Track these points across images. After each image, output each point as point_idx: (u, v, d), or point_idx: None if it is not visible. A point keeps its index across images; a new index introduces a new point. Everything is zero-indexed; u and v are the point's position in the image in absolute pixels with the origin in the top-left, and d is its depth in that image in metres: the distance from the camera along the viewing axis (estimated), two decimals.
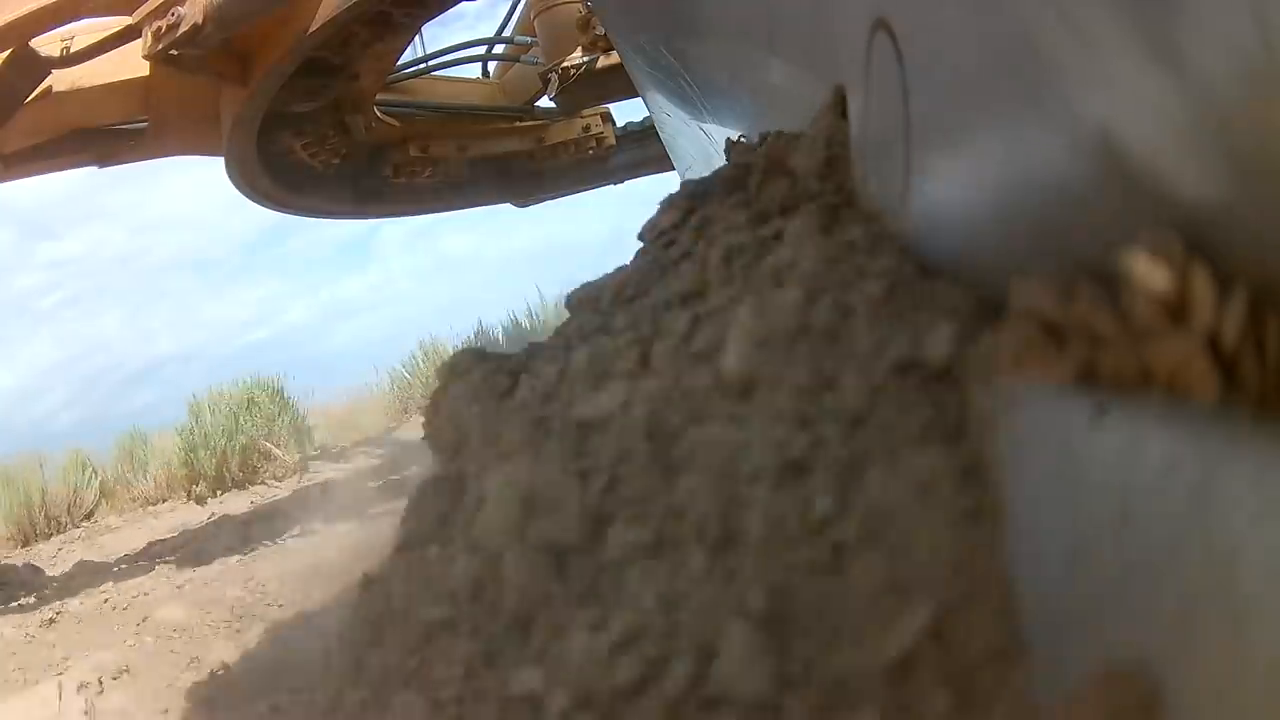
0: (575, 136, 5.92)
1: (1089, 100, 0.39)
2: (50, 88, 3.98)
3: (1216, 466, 0.31)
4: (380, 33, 3.98)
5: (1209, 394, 0.34)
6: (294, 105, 4.26)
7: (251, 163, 4.55)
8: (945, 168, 0.59)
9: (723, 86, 1.94)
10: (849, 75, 0.78)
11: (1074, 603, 0.40)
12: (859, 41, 0.71)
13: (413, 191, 5.64)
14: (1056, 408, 0.43)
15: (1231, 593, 0.30)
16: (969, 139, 0.55)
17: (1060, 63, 0.40)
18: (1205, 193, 0.34)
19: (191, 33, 3.38)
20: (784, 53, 1.19)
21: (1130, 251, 0.37)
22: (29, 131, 4.10)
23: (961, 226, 0.59)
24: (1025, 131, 0.46)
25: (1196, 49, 0.31)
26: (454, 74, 5.56)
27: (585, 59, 4.56)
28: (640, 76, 3.40)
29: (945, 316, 0.56)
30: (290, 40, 3.68)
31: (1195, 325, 0.35)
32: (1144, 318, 0.37)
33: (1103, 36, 0.37)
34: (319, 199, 5.29)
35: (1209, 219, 0.34)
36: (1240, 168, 0.31)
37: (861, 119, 0.77)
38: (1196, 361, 0.35)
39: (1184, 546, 0.32)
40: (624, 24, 3.05)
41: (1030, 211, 0.48)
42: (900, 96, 0.63)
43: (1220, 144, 0.32)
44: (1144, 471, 0.35)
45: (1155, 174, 0.36)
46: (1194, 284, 0.35)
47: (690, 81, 2.26)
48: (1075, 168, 0.42)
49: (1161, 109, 0.34)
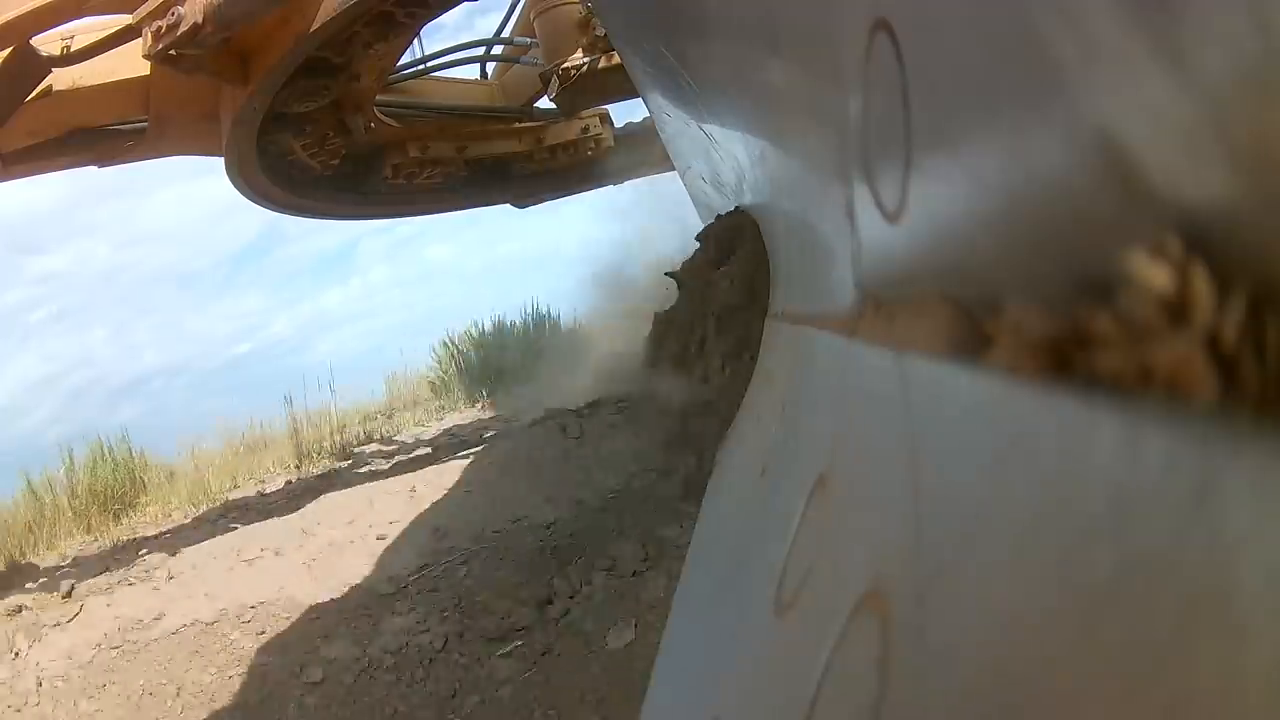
0: (574, 137, 5.94)
1: (1089, 100, 0.39)
2: (50, 87, 3.98)
3: (1216, 466, 0.31)
4: (382, 32, 3.99)
5: (1209, 394, 0.34)
6: (294, 105, 4.27)
7: (251, 163, 4.56)
8: (945, 168, 0.59)
9: (723, 86, 1.94)
10: (849, 75, 0.78)
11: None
12: (859, 41, 0.71)
13: (412, 192, 5.66)
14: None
15: (1231, 593, 0.30)
16: (969, 139, 0.55)
17: (1061, 63, 0.40)
18: (1205, 193, 0.34)
19: (191, 32, 3.38)
20: (784, 53, 1.19)
21: (1130, 251, 0.37)
22: (29, 130, 4.10)
23: (962, 227, 0.59)
24: (1025, 132, 0.46)
25: (1197, 48, 0.31)
26: (453, 75, 5.57)
27: (585, 60, 4.57)
28: (640, 77, 3.41)
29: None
30: (290, 40, 3.69)
31: (1195, 325, 0.35)
32: (1144, 318, 0.37)
33: (1103, 36, 0.37)
34: (318, 199, 5.30)
35: (1209, 219, 0.34)
36: (1240, 167, 0.31)
37: (861, 119, 0.77)
38: (1196, 361, 0.35)
39: (1184, 546, 0.32)
40: (624, 24, 3.06)
41: (1030, 211, 0.48)
42: (900, 96, 0.63)
43: (1220, 144, 0.32)
44: (1144, 471, 0.35)
45: (1155, 174, 0.36)
46: (1194, 284, 0.35)
47: (690, 81, 2.26)
48: (1075, 168, 0.42)
49: (1162, 109, 0.34)
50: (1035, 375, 0.46)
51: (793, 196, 1.73)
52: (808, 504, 1.04)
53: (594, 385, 4.82)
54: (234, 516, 4.89)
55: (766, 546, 1.22)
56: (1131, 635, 0.35)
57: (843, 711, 0.67)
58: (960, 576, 0.54)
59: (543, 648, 2.84)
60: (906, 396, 0.70)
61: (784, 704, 0.84)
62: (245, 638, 3.19)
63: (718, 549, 1.86)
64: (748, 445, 2.25)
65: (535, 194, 6.37)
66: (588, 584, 3.07)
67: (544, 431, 4.35)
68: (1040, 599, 0.43)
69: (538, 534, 3.44)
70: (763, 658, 1.05)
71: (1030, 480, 0.46)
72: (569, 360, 5.79)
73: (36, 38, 3.70)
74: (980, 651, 0.49)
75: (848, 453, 0.95)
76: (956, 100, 0.56)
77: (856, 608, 0.70)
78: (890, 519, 0.68)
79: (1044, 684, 0.41)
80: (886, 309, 0.82)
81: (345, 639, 3.05)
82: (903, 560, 0.64)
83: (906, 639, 0.60)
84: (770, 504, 1.41)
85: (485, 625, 2.98)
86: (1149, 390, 0.37)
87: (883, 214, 0.74)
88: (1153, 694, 0.33)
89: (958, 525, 0.56)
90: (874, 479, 0.79)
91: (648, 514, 3.32)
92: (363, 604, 3.24)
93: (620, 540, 3.22)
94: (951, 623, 0.53)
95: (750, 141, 2.05)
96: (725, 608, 1.46)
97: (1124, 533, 0.36)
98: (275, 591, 3.45)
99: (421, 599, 3.19)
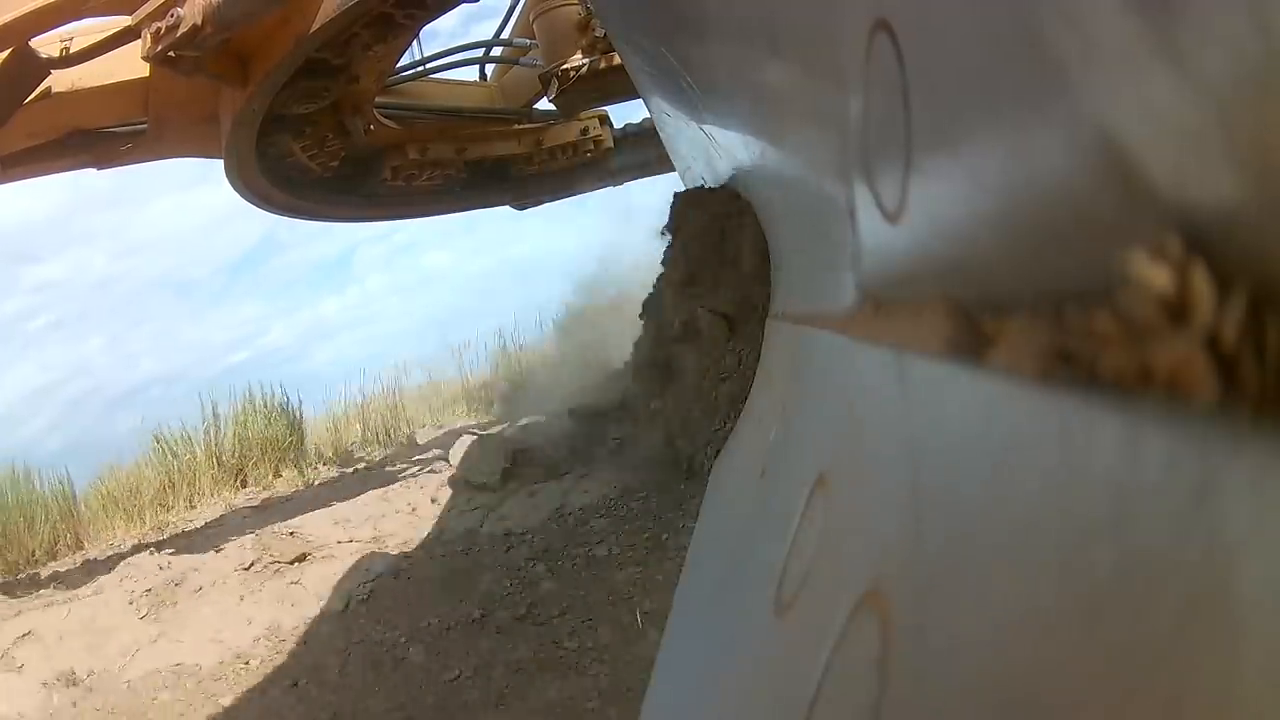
0: (573, 139, 5.94)
1: (1089, 100, 0.39)
2: (50, 88, 3.98)
3: (1216, 466, 0.31)
4: (381, 34, 3.98)
5: (1209, 394, 0.34)
6: (294, 107, 4.27)
7: (250, 165, 4.56)
8: (945, 168, 0.59)
9: (723, 87, 1.94)
10: (849, 76, 0.78)
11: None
12: (859, 42, 0.71)
13: (411, 194, 5.66)
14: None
15: (1231, 593, 0.30)
16: (969, 140, 0.55)
17: (1061, 63, 0.40)
18: (1206, 193, 0.34)
19: (190, 34, 3.38)
20: (784, 54, 1.20)
21: (1130, 251, 0.37)
22: (28, 132, 4.10)
23: (962, 227, 0.59)
24: (1025, 131, 0.46)
25: (1197, 49, 0.31)
26: (452, 77, 5.57)
27: (585, 61, 4.56)
28: (641, 77, 3.41)
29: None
30: (290, 42, 3.69)
31: (1195, 325, 0.35)
32: (1144, 318, 0.37)
33: (1103, 36, 0.37)
34: (318, 201, 5.30)
35: (1209, 219, 0.34)
36: (1241, 168, 0.31)
37: (861, 120, 0.78)
38: (1196, 361, 0.35)
39: (1184, 546, 0.32)
40: (625, 25, 3.06)
41: (1030, 211, 0.48)
42: (900, 97, 0.63)
43: (1221, 144, 0.32)
44: (1144, 471, 0.35)
45: (1155, 174, 0.36)
46: (1194, 284, 0.35)
47: (690, 82, 2.26)
48: (1075, 168, 0.42)
49: (1162, 109, 0.34)
50: (1035, 375, 0.46)
51: (793, 197, 1.73)
52: (808, 504, 1.04)
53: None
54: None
55: (766, 546, 1.22)
56: (1131, 635, 0.35)
57: (843, 711, 0.67)
58: (960, 576, 0.54)
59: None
60: (906, 396, 0.70)
61: (784, 704, 0.84)
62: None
63: (718, 549, 1.86)
64: (747, 445, 2.25)
65: (535, 196, 6.37)
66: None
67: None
68: (1040, 599, 0.43)
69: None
70: (763, 658, 1.05)
71: (1030, 480, 0.46)
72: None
73: (36, 39, 3.70)
74: (980, 651, 0.49)
75: (847, 453, 0.95)
76: (957, 100, 0.56)
77: (856, 608, 0.70)
78: (890, 519, 0.68)
79: (1044, 684, 0.41)
80: (886, 309, 0.82)
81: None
82: (903, 560, 0.64)
83: (906, 639, 0.60)
84: (770, 504, 1.41)
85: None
86: (1149, 390, 0.37)
87: (883, 214, 0.74)
88: (1153, 694, 0.33)
89: (958, 525, 0.56)
90: (874, 479, 0.79)
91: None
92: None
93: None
94: (951, 623, 0.53)
95: (750, 142, 2.05)
96: (725, 608, 1.46)
97: (1124, 533, 0.36)
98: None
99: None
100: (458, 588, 3.23)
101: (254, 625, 3.29)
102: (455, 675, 2.72)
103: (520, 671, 2.65)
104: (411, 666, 2.84)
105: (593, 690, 2.48)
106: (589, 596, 2.95)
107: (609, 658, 2.60)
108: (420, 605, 3.17)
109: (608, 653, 2.63)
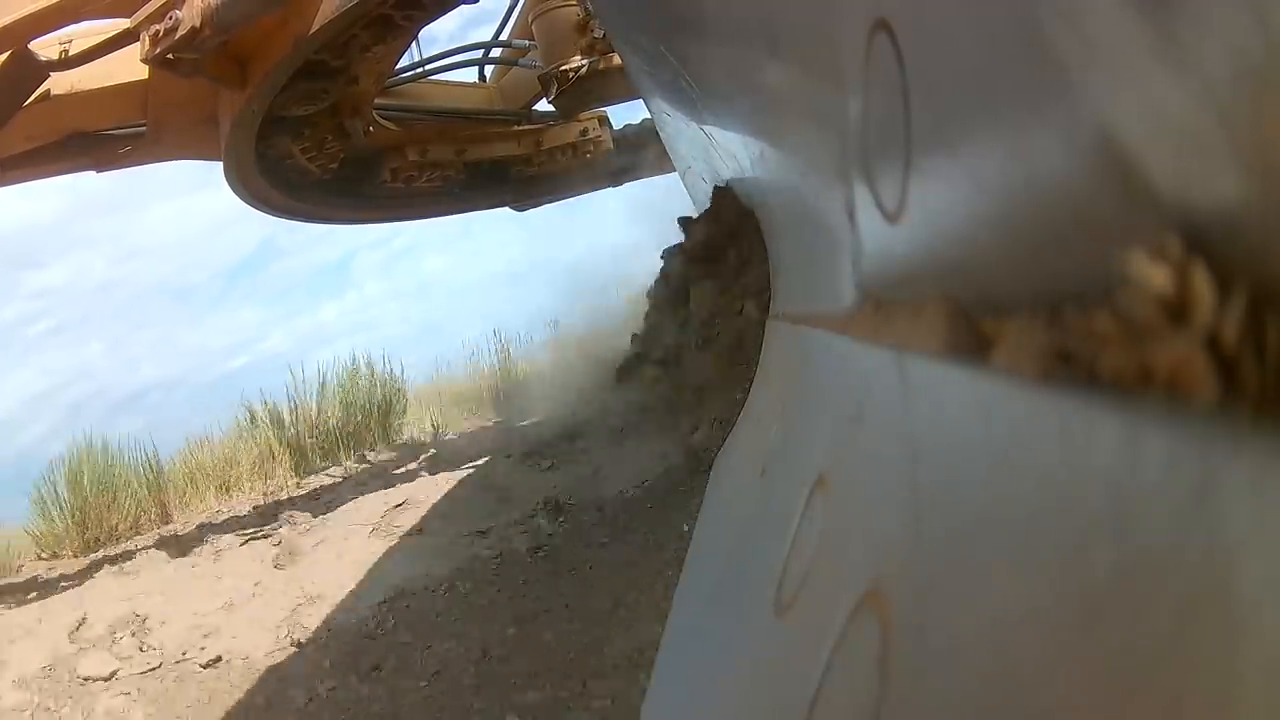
0: (573, 140, 5.94)
1: (1089, 100, 0.39)
2: (48, 91, 3.97)
3: (1216, 466, 0.31)
4: (380, 35, 3.98)
5: (1209, 394, 0.34)
6: (293, 109, 4.26)
7: (250, 167, 4.55)
8: (945, 168, 0.59)
9: (723, 87, 1.94)
10: (849, 76, 0.78)
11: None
12: (859, 42, 0.71)
13: (411, 195, 5.65)
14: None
15: (1231, 593, 0.30)
16: (969, 140, 0.55)
17: (1061, 63, 0.40)
18: (1206, 193, 0.34)
19: (189, 36, 3.38)
20: (784, 54, 1.20)
21: (1130, 252, 0.37)
22: (27, 135, 4.09)
23: (962, 227, 0.59)
24: (1025, 132, 0.46)
25: (1197, 48, 0.31)
26: (452, 78, 5.57)
27: (584, 62, 4.56)
28: (640, 78, 3.41)
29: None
30: (289, 43, 3.68)
31: (1195, 326, 0.35)
32: (1144, 318, 0.37)
33: (1103, 36, 0.37)
34: (317, 203, 5.29)
35: (1209, 219, 0.34)
36: (1241, 168, 0.31)
37: (861, 120, 0.78)
38: (1196, 361, 0.35)
39: (1184, 546, 0.32)
40: (624, 25, 3.06)
41: (1030, 212, 0.48)
42: (900, 97, 0.63)
43: (1221, 144, 0.32)
44: (1144, 471, 0.35)
45: (1156, 174, 0.36)
46: (1194, 284, 0.35)
47: (690, 82, 2.26)
48: (1075, 168, 0.42)
49: (1162, 109, 0.34)
50: (1035, 375, 0.46)
51: (792, 197, 1.73)
52: (807, 504, 1.04)
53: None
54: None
55: (766, 547, 1.22)
56: (1131, 635, 0.35)
57: (843, 711, 0.67)
58: (960, 576, 0.54)
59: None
60: (906, 397, 0.70)
61: (784, 704, 0.84)
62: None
63: (718, 549, 1.86)
64: (747, 446, 2.25)
65: (534, 197, 6.37)
66: None
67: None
68: (1040, 599, 0.43)
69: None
70: (763, 658, 1.05)
71: (1030, 480, 0.46)
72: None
73: (35, 42, 3.70)
74: (980, 651, 0.49)
75: (847, 453, 0.95)
76: (956, 101, 0.56)
77: (856, 608, 0.70)
78: (890, 519, 0.68)
79: (1044, 683, 0.41)
80: (886, 309, 0.82)
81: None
82: (903, 560, 0.64)
83: (906, 639, 0.60)
84: (770, 504, 1.41)
85: None
86: (1149, 390, 0.37)
87: (883, 214, 0.74)
88: (1153, 694, 0.33)
89: (958, 525, 0.56)
90: (874, 479, 0.79)
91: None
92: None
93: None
94: (951, 623, 0.53)
95: (750, 142, 2.05)
96: (725, 608, 1.46)
97: (1124, 533, 0.36)
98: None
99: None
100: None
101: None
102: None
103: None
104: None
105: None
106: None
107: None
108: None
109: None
